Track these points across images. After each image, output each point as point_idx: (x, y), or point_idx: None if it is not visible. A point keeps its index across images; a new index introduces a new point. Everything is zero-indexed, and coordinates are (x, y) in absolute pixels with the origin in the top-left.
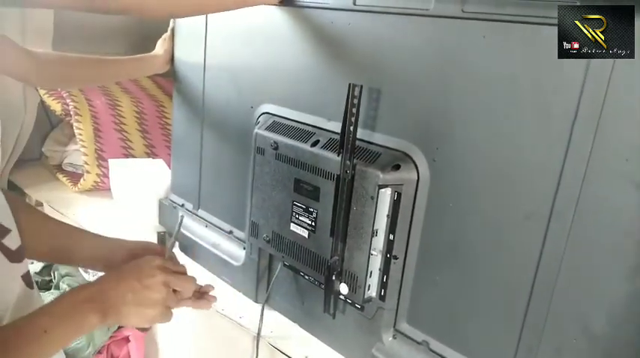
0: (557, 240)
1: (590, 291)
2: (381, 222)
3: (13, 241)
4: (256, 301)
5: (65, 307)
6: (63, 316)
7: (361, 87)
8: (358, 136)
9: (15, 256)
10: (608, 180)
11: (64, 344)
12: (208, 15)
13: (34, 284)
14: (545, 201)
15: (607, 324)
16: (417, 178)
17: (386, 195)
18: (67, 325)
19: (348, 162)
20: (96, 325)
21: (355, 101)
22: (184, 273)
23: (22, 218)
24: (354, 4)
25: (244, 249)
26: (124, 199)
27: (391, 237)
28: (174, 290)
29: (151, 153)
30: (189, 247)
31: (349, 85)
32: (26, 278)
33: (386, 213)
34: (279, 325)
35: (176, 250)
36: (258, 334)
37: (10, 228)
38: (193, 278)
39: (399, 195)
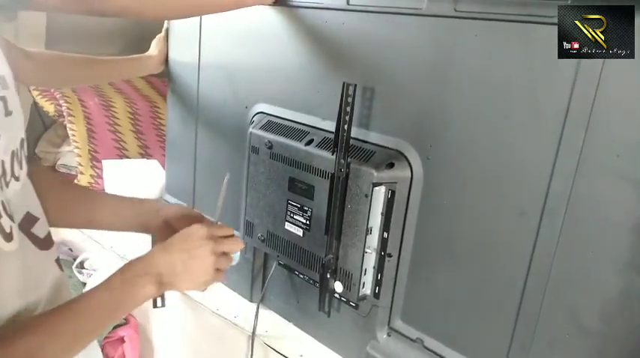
0: (549, 236)
1: (582, 287)
2: (376, 220)
3: (41, 229)
4: (251, 300)
5: (122, 282)
6: (121, 289)
7: (355, 86)
8: (352, 135)
9: (44, 244)
10: (599, 176)
11: (123, 314)
12: (203, 15)
13: (62, 268)
14: (537, 197)
15: (599, 320)
16: (410, 176)
17: (380, 193)
18: (126, 298)
19: (342, 160)
20: (153, 295)
21: (349, 100)
22: (231, 235)
23: (57, 193)
24: (348, 3)
25: None
26: None
27: (385, 234)
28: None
29: (145, 154)
30: None
31: (343, 84)
32: (58, 262)
33: (380, 210)
34: (274, 324)
35: None
36: (253, 333)
37: (38, 217)
38: (239, 240)
39: (393, 193)
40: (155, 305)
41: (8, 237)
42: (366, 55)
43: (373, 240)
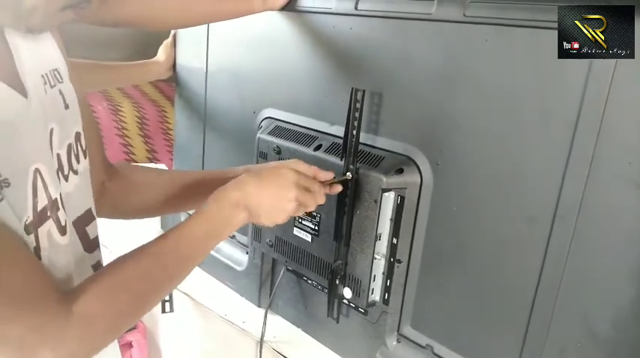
0: (560, 242)
1: (594, 294)
2: (385, 226)
3: (93, 230)
4: (259, 306)
5: (218, 209)
6: (219, 218)
7: (364, 91)
8: (361, 140)
9: (91, 246)
10: (610, 182)
11: (220, 241)
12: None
13: None
14: (548, 203)
15: (611, 327)
16: (420, 182)
17: (389, 199)
18: (223, 225)
19: (351, 166)
20: (243, 223)
21: (358, 105)
22: (314, 191)
23: (143, 180)
24: (356, 8)
25: (247, 253)
26: None
27: (394, 240)
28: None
29: (153, 158)
30: None
31: (352, 89)
32: (96, 267)
33: (389, 216)
34: (282, 330)
35: None
36: (262, 339)
37: (95, 217)
38: (320, 196)
39: (403, 198)
40: (164, 311)
41: (63, 231)
42: (375, 60)
43: (382, 246)
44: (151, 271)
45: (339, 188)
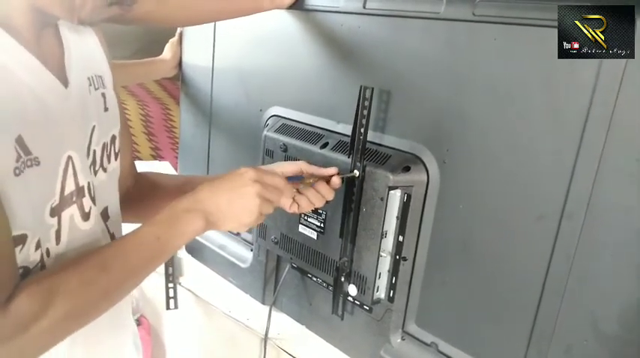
0: (568, 240)
1: (601, 292)
2: (391, 224)
3: (113, 226)
4: (263, 303)
5: (169, 217)
6: (170, 224)
7: (372, 89)
8: (368, 138)
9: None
10: (619, 180)
11: (173, 250)
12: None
13: None
14: (556, 201)
15: (618, 325)
16: (426, 180)
17: (396, 197)
18: (175, 231)
19: (358, 163)
20: (200, 231)
21: (366, 103)
22: (276, 186)
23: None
24: (364, 7)
25: (251, 250)
26: None
27: (400, 238)
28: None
29: (157, 156)
30: (196, 249)
31: (360, 87)
32: None
33: (395, 214)
34: (286, 327)
35: (182, 252)
36: (266, 336)
37: (110, 216)
38: (286, 190)
39: (409, 196)
40: (168, 308)
41: (86, 216)
42: (383, 59)
43: (388, 243)
44: (93, 277)
45: (337, 181)
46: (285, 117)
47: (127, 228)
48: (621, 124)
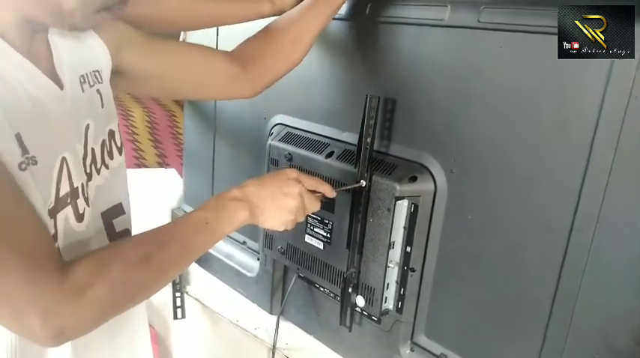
0: (578, 253)
1: (612, 306)
2: (398, 234)
3: (122, 223)
4: (271, 313)
5: (217, 204)
6: (217, 210)
7: (379, 98)
8: (374, 148)
9: (115, 237)
10: (629, 193)
11: (222, 234)
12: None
13: None
14: (566, 212)
15: (630, 339)
16: (434, 190)
17: (403, 207)
18: (223, 218)
19: (365, 173)
20: (245, 221)
21: (372, 113)
22: (316, 193)
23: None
24: (369, 14)
25: (258, 260)
26: (136, 209)
27: (408, 249)
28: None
29: (163, 163)
30: (203, 258)
31: (366, 96)
32: None
33: (403, 224)
34: (294, 337)
35: None
36: (274, 346)
37: (125, 211)
38: (320, 201)
39: (416, 206)
40: (175, 317)
41: (80, 218)
42: (388, 67)
43: (396, 254)
44: (150, 252)
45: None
46: (289, 126)
47: (135, 227)
48: (631, 135)
